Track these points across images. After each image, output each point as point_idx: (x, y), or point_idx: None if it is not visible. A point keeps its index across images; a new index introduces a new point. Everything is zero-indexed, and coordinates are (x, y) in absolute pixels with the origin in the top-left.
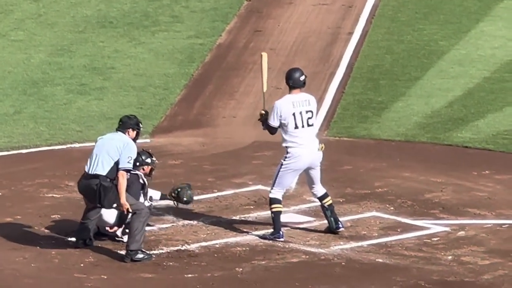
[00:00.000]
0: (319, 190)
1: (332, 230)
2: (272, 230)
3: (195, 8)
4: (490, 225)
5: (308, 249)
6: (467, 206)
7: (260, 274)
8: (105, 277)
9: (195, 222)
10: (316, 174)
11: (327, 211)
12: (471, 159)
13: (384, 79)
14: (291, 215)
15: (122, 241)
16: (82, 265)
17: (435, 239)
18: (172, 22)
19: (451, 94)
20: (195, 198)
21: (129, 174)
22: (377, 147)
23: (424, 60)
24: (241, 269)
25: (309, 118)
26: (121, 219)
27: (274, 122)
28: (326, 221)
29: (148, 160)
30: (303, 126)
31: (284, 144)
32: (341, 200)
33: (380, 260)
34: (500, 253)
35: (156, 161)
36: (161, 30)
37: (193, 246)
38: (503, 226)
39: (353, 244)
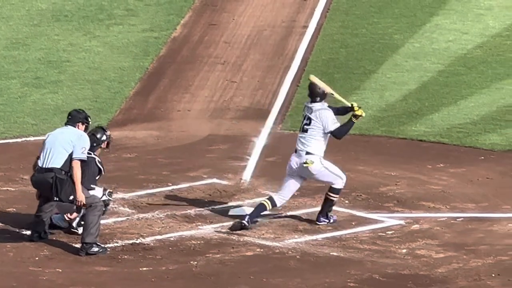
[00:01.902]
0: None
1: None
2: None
3: (150, 1)
4: (444, 219)
5: (263, 242)
6: (422, 199)
7: (214, 267)
8: (60, 270)
9: (150, 216)
10: (299, 185)
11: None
12: (425, 153)
13: (339, 72)
14: (245, 209)
15: (77, 233)
16: (37, 258)
17: (390, 232)
18: (127, 15)
19: (405, 88)
20: (150, 191)
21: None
22: (331, 141)
23: (379, 54)
24: (195, 263)
25: (305, 124)
26: (78, 208)
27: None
28: (280, 215)
29: (104, 138)
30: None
31: None
32: (296, 194)
33: (335, 254)
34: (454, 246)
35: (110, 134)
36: (116, 23)
37: (148, 240)
38: (457, 219)
39: (308, 238)
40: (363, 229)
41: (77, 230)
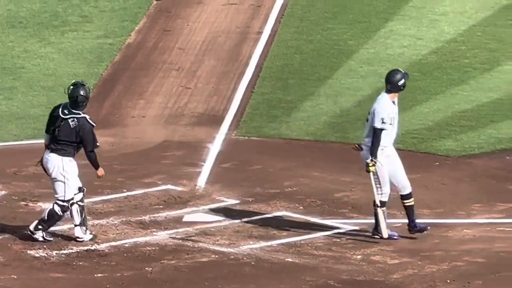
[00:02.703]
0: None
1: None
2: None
3: (105, 8)
4: (399, 224)
5: (218, 248)
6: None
7: (169, 273)
8: (15, 276)
9: (104, 222)
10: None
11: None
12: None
13: (293, 78)
14: (200, 215)
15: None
16: None
17: (345, 238)
18: (82, 22)
19: (360, 94)
20: (105, 197)
21: None
22: (286, 147)
23: (333, 60)
24: (150, 269)
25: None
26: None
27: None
28: (235, 221)
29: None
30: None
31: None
32: (250, 200)
33: (290, 260)
34: (409, 252)
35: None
36: (70, 30)
37: (103, 246)
38: None
39: (263, 244)
40: (318, 235)
41: (35, 234)
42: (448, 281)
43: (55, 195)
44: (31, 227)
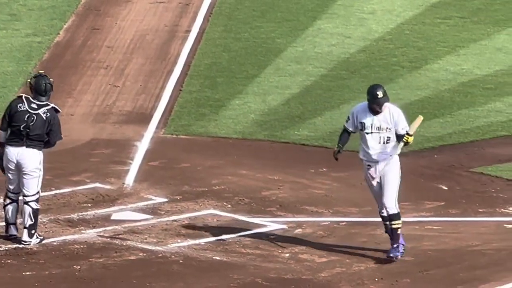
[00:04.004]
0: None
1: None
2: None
3: (33, 6)
4: (327, 223)
5: (146, 246)
6: (304, 203)
7: (98, 271)
8: None
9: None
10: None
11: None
12: (308, 157)
13: (221, 76)
14: (128, 213)
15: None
16: None
17: (272, 236)
18: (10, 20)
19: (288, 92)
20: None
21: None
22: (214, 145)
23: (261, 58)
24: (79, 267)
25: None
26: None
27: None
28: (163, 219)
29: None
30: None
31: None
32: (178, 198)
33: (218, 258)
34: (337, 250)
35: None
36: None
37: (30, 245)
38: (340, 223)
39: (190, 242)
40: (246, 234)
41: (31, 241)
42: (376, 279)
43: (25, 192)
44: (25, 238)
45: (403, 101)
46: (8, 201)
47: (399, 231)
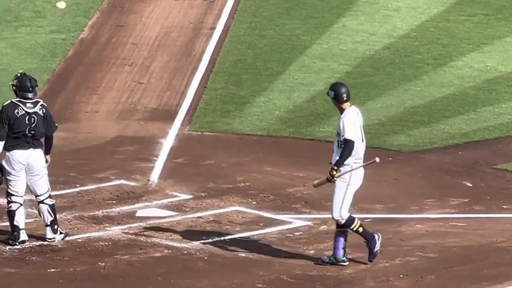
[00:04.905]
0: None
1: None
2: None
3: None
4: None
5: (171, 243)
6: (329, 200)
7: (122, 268)
8: None
9: (57, 217)
10: None
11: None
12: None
13: (246, 73)
14: (153, 210)
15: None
16: None
17: (297, 233)
18: (35, 17)
19: (313, 89)
20: (58, 192)
21: None
22: (239, 142)
23: (286, 55)
24: (103, 264)
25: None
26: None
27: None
28: (188, 216)
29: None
30: (362, 141)
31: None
32: (203, 195)
33: (242, 255)
34: (362, 247)
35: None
36: (23, 25)
37: (55, 241)
38: (365, 220)
39: (215, 239)
40: (271, 230)
41: (56, 237)
42: (401, 276)
43: (37, 192)
44: (50, 236)
45: (428, 98)
46: (16, 205)
47: (360, 230)
